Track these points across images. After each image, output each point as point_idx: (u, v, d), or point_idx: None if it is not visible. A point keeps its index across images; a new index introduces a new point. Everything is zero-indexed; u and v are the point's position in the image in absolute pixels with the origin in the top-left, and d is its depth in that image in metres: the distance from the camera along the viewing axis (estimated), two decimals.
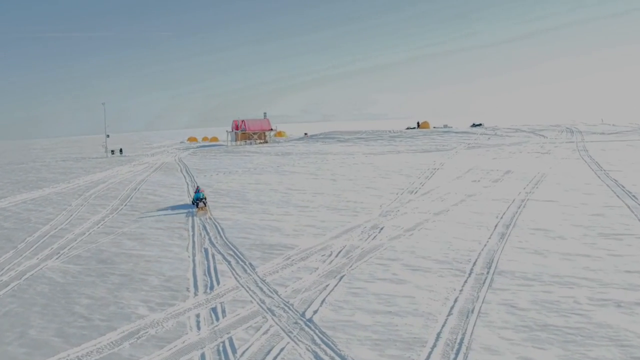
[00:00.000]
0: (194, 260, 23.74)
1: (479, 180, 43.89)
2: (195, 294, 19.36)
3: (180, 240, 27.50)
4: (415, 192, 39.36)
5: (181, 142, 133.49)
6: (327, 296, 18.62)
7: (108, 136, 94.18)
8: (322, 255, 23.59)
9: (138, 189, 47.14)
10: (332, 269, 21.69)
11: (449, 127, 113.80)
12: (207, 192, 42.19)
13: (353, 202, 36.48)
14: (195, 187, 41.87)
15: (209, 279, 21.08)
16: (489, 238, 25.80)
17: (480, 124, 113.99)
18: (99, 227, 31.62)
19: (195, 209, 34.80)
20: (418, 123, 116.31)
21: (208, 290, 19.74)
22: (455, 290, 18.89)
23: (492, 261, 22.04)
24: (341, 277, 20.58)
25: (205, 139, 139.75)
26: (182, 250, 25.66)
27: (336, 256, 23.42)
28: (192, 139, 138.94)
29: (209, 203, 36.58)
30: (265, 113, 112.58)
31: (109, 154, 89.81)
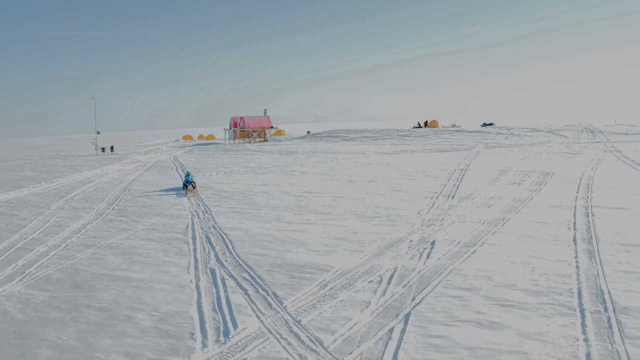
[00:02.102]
0: (197, 287, 17.76)
1: (519, 183, 38.17)
2: (204, 344, 13.38)
3: (179, 257, 21.53)
4: (453, 197, 33.56)
5: (176, 140, 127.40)
6: (397, 351, 12.65)
7: (99, 133, 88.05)
8: (370, 282, 17.66)
9: (128, 190, 41.15)
10: (389, 302, 15.77)
11: (457, 127, 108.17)
12: (208, 194, 36.49)
13: (383, 207, 30.62)
14: (186, 171, 44.77)
15: (220, 317, 15.09)
16: (576, 257, 20.07)
17: (491, 124, 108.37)
18: (78, 238, 25.65)
19: (184, 191, 38.31)
20: (426, 122, 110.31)
21: (221, 338, 13.78)
22: (577, 340, 12.97)
23: (602, 292, 16.13)
24: (407, 317, 14.63)
25: (201, 137, 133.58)
26: (182, 271, 19.68)
27: (389, 283, 17.52)
28: (187, 137, 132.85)
29: (213, 210, 30.66)
30: (265, 110, 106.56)
31: (99, 152, 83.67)
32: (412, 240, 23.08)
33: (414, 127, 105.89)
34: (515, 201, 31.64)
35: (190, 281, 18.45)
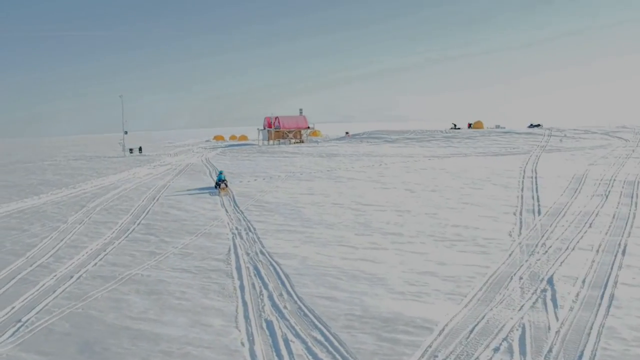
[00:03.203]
0: (253, 355, 12.55)
1: (606, 195, 32.67)
2: None
3: (222, 300, 16.40)
4: (539, 212, 28.20)
5: (207, 141, 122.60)
6: None
7: (126, 133, 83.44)
8: (496, 351, 12.60)
9: (157, 199, 36.21)
10: None
11: (502, 128, 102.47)
12: (248, 206, 32.48)
13: (463, 227, 25.35)
14: (218, 171, 44.38)
15: None
16: None
17: (538, 125, 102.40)
18: (95, 265, 20.65)
19: (217, 190, 38.33)
20: (470, 124, 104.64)
21: None
22: None
23: None
24: None
25: (233, 137, 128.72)
26: (228, 323, 14.55)
27: (523, 353, 12.31)
28: (218, 137, 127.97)
29: (257, 227, 25.58)
30: (301, 109, 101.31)
31: (127, 153, 79.03)
32: (521, 278, 17.75)
33: (451, 129, 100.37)
34: (617, 219, 26.35)
35: (242, 343, 13.29)
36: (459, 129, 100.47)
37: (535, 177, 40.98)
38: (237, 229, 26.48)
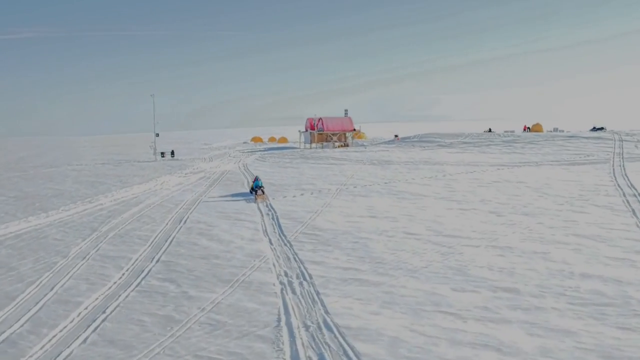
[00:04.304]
0: None
1: None
2: None
3: None
4: None
5: (244, 143, 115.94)
6: None
7: (157, 135, 77.11)
8: None
9: (185, 221, 29.55)
10: None
11: (560, 131, 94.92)
12: (298, 235, 25.93)
13: (598, 278, 18.33)
14: (254, 177, 41.63)
15: None
16: None
17: (602, 128, 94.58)
18: (84, 343, 13.93)
19: (253, 196, 36.33)
20: (527, 127, 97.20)
21: None
22: None
23: None
24: None
25: (272, 139, 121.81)
26: None
27: None
28: (256, 139, 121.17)
29: (314, 273, 18.62)
30: (346, 110, 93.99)
31: (159, 157, 72.58)
32: None
33: (485, 131, 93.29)
34: None
35: None
36: (492, 132, 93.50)
37: (638, 196, 33.57)
38: (286, 274, 19.64)
